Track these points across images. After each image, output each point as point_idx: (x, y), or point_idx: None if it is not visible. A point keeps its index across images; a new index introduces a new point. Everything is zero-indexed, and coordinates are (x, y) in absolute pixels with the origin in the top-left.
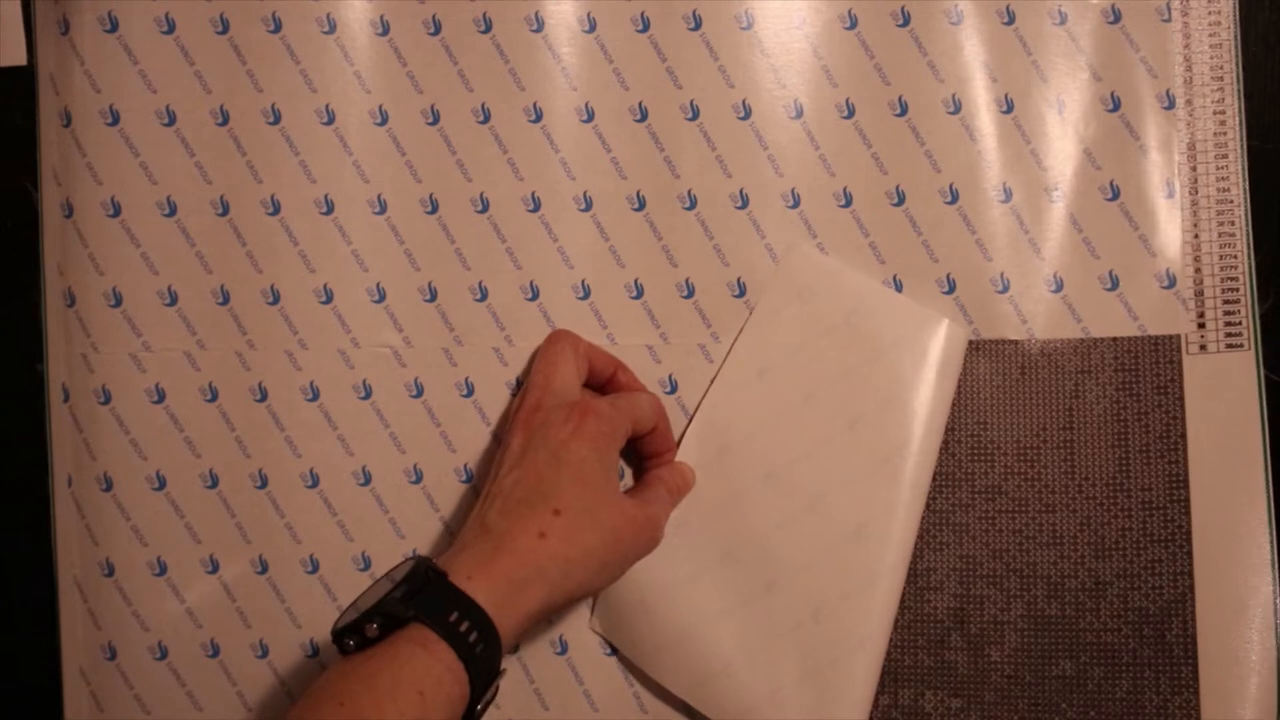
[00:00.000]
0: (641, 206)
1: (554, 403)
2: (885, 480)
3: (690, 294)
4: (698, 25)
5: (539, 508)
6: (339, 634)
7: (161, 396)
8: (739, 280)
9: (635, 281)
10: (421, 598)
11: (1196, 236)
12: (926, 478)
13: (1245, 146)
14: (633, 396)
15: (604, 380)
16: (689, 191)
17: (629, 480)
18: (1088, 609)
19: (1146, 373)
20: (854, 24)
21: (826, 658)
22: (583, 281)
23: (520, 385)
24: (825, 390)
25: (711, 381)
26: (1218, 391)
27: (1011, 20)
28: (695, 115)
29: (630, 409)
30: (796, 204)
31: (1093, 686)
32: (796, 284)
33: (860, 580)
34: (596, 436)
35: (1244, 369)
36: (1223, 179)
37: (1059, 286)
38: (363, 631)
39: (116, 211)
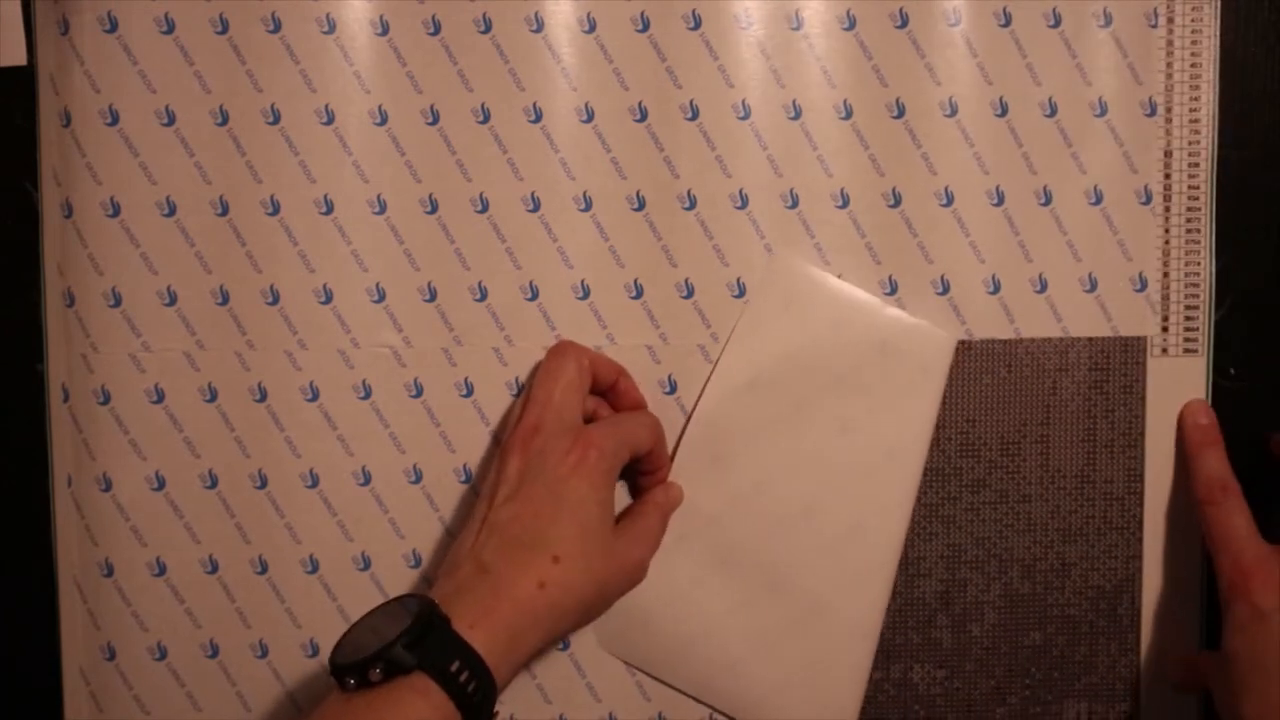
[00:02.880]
0: (641, 206)
1: (555, 426)
2: (878, 483)
3: (690, 294)
4: (697, 25)
5: (539, 553)
6: (340, 670)
7: (161, 397)
8: (738, 280)
9: (635, 281)
10: (425, 646)
11: (1167, 243)
12: (917, 476)
13: (1216, 155)
14: (634, 422)
15: (606, 387)
16: (688, 191)
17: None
18: (1054, 587)
19: (1115, 372)
20: (853, 25)
21: (828, 650)
22: (582, 281)
23: (521, 386)
24: (815, 398)
25: (701, 392)
26: (1174, 393)
27: (1008, 22)
28: (695, 115)
29: (631, 437)
30: (795, 204)
31: (1056, 652)
32: (782, 294)
33: (856, 578)
34: (596, 474)
35: (1197, 373)
36: (1193, 186)
37: (1044, 287)
38: (366, 674)
39: (116, 211)
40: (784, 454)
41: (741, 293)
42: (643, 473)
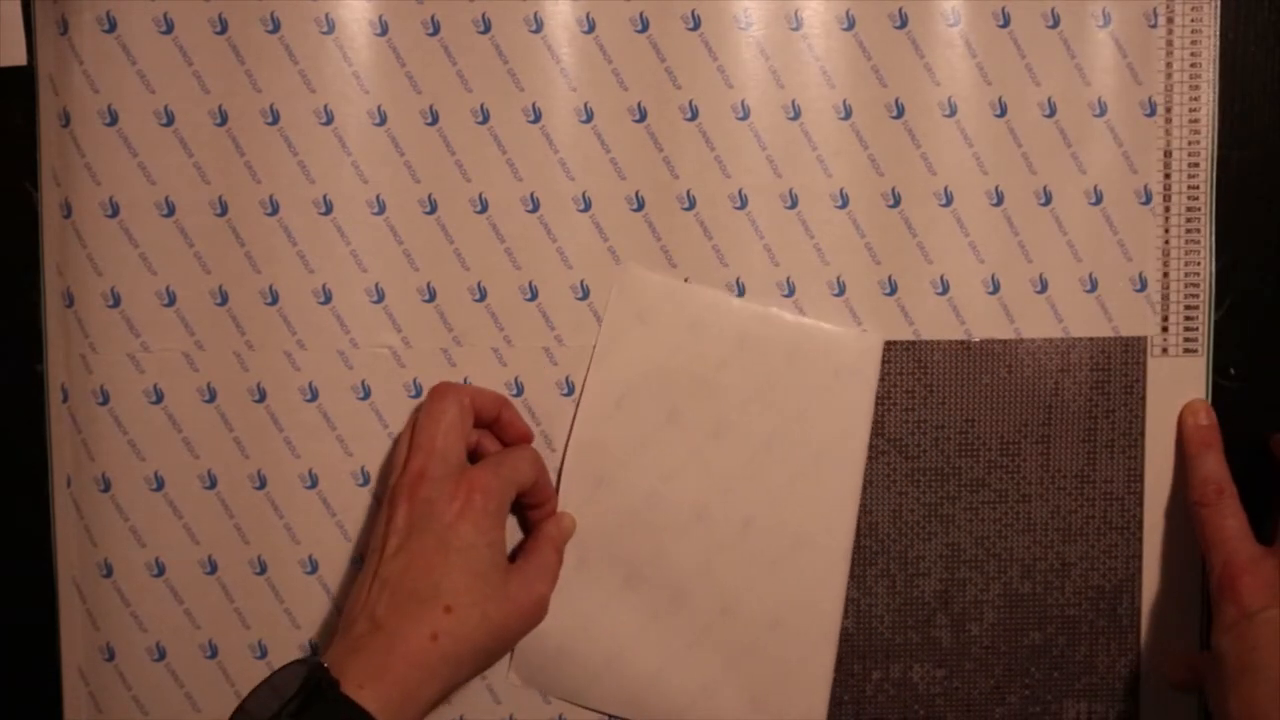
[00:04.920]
0: (640, 207)
1: (440, 471)
2: (761, 474)
3: None
4: (696, 25)
5: (430, 604)
6: None
7: (160, 397)
8: (738, 280)
9: None
10: (312, 713)
11: (1167, 243)
12: (809, 464)
13: (1216, 155)
14: (516, 458)
15: (489, 421)
16: (688, 192)
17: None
18: (1054, 587)
19: (1116, 372)
20: (852, 25)
21: (743, 646)
22: (581, 282)
23: (518, 384)
24: (684, 405)
25: (573, 419)
26: (1174, 393)
27: (1006, 22)
28: (694, 115)
29: (513, 474)
30: (794, 204)
31: (1056, 652)
32: (634, 307)
33: (757, 571)
34: (483, 516)
35: (1196, 373)
36: (1193, 186)
37: (1044, 287)
38: None
39: (115, 212)
40: (665, 463)
41: (741, 293)
42: (530, 506)
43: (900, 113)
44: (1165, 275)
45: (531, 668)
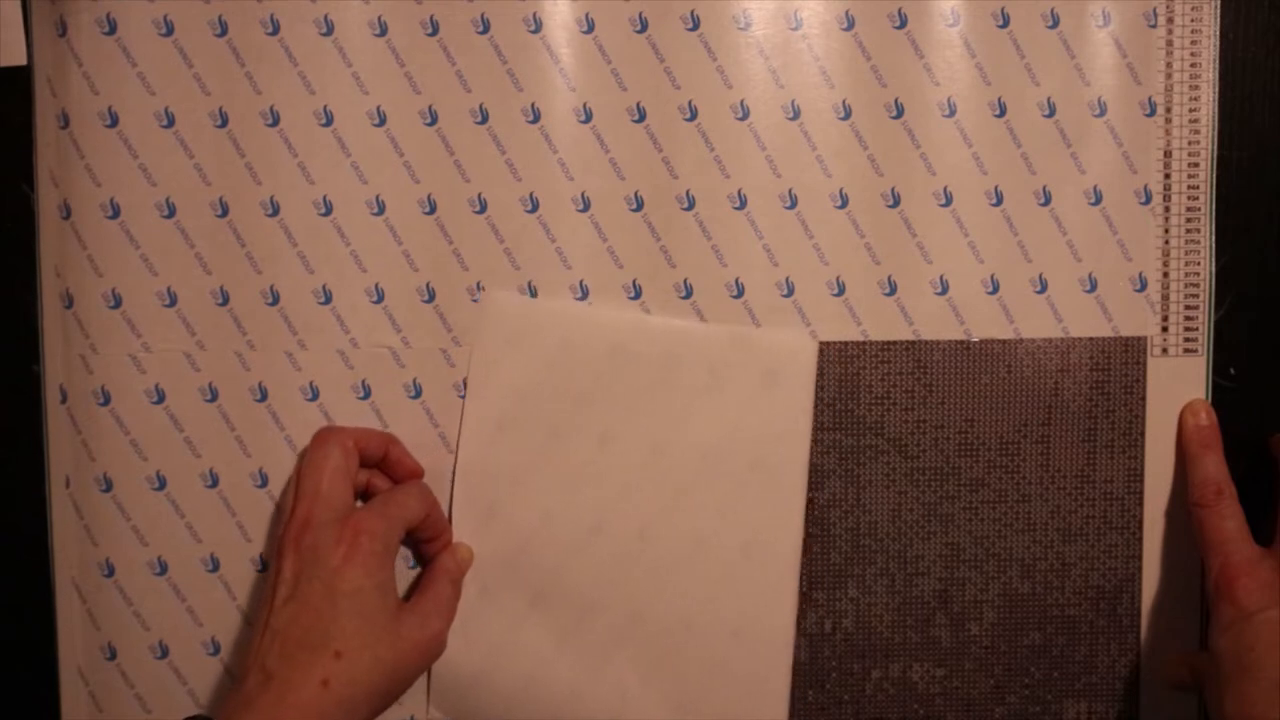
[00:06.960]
0: (639, 207)
1: (325, 517)
2: (651, 481)
3: (689, 294)
4: (696, 25)
5: (319, 652)
6: None
7: (161, 397)
8: (737, 280)
9: (633, 282)
10: None
11: (1167, 243)
12: (692, 466)
13: (1216, 156)
14: (403, 496)
15: (377, 460)
16: (687, 192)
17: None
18: (1054, 587)
19: (1116, 372)
20: (851, 25)
21: (655, 652)
22: (580, 282)
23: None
24: (566, 418)
25: (456, 449)
26: (1174, 393)
27: (1006, 23)
28: (693, 116)
29: (400, 512)
30: (794, 204)
31: (1056, 652)
32: (502, 331)
33: (658, 578)
34: (369, 558)
35: (1196, 373)
36: (1193, 187)
37: (1043, 287)
38: None
39: (115, 213)
40: (554, 481)
41: (740, 293)
42: (424, 541)
43: (900, 113)
44: (1165, 275)
45: (450, 700)
